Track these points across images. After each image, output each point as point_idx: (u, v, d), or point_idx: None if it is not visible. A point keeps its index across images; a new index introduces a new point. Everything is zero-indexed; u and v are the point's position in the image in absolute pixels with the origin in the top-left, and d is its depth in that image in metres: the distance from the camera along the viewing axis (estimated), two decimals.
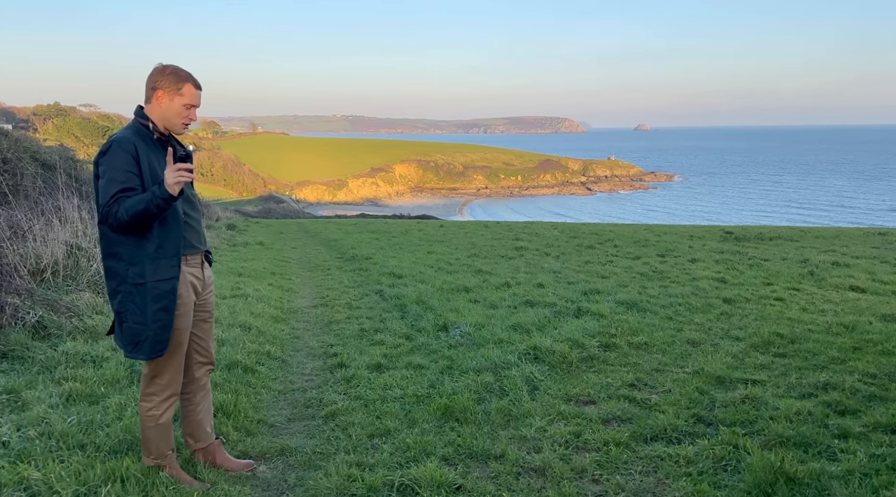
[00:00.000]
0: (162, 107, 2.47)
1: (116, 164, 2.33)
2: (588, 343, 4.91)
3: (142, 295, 2.40)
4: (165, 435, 2.57)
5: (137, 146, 2.39)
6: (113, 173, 2.32)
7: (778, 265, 9.72)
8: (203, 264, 2.68)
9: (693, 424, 3.36)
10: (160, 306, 2.42)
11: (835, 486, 2.59)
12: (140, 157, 2.37)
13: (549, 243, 14.00)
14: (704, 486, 2.66)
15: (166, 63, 2.48)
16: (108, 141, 2.41)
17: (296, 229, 21.07)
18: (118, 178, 2.32)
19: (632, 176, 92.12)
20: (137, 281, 2.40)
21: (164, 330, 2.44)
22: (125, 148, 2.36)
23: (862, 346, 4.88)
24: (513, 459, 2.96)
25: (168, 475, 2.54)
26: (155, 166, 2.41)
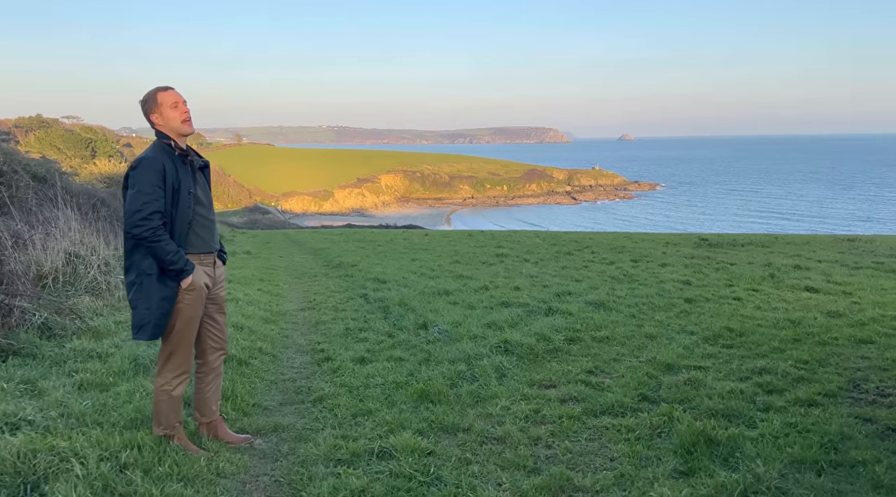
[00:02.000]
0: (164, 122, 2.90)
1: (145, 178, 2.76)
2: (554, 337, 5.37)
3: (151, 284, 2.81)
4: (175, 408, 2.97)
5: (164, 163, 2.81)
6: (141, 186, 2.75)
7: (743, 269, 10.27)
8: (215, 263, 3.08)
9: (639, 402, 3.82)
10: (163, 296, 2.83)
11: (747, 445, 3.06)
12: (167, 173, 2.80)
13: (529, 250, 14.48)
14: (639, 448, 3.11)
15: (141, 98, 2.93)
16: (137, 159, 2.84)
17: (282, 239, 21.40)
18: (145, 190, 2.75)
19: (616, 185, 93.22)
20: (149, 271, 2.82)
21: (164, 317, 2.85)
22: (153, 165, 2.79)
23: (802, 338, 5.39)
24: (478, 431, 3.40)
25: (176, 443, 2.94)
26: (178, 180, 2.83)
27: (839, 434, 3.21)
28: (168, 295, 2.85)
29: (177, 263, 2.80)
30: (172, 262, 2.79)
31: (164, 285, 2.83)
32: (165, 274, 2.83)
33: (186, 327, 2.93)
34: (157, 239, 2.74)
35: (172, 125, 2.90)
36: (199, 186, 2.97)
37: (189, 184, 2.89)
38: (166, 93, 2.91)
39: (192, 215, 2.92)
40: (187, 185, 2.87)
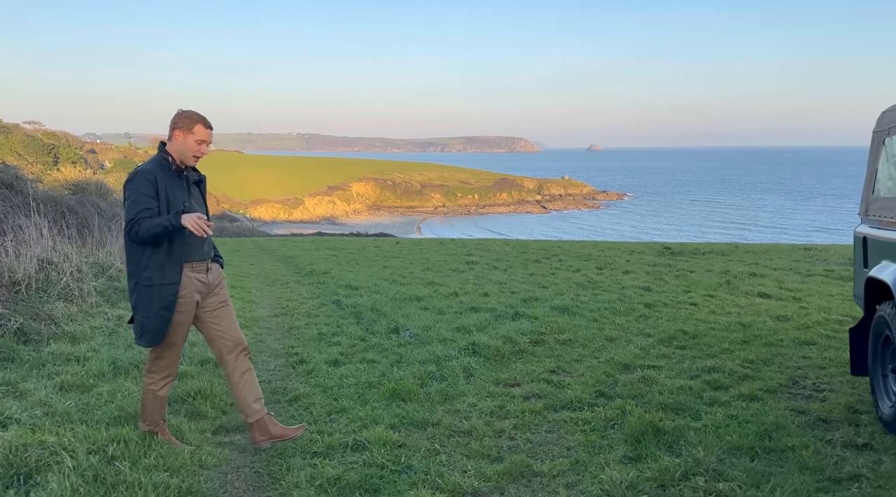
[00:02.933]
0: (178, 143, 3.06)
1: (139, 189, 2.93)
2: (520, 340, 5.64)
3: (149, 295, 2.96)
4: (160, 407, 3.13)
5: (157, 176, 2.97)
6: (136, 197, 2.92)
7: (701, 276, 10.73)
8: (209, 269, 3.20)
9: (596, 398, 4.10)
10: (162, 305, 2.98)
11: (691, 434, 3.36)
12: (159, 185, 2.95)
13: (499, 258, 14.79)
14: (594, 437, 3.39)
15: (185, 109, 3.09)
16: (133, 171, 3.01)
17: (252, 247, 21.34)
18: (139, 201, 2.91)
19: (585, 195, 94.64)
20: (147, 283, 2.97)
21: (162, 324, 3.00)
22: (147, 177, 2.95)
23: (750, 339, 5.76)
24: (446, 425, 3.63)
25: (161, 438, 3.10)
26: (172, 192, 2.98)
27: (774, 424, 3.54)
28: (166, 304, 2.98)
29: (170, 224, 2.86)
30: (165, 227, 2.87)
31: (162, 296, 2.97)
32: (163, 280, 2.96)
33: (173, 332, 3.08)
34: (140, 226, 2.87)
35: (185, 153, 3.05)
36: (193, 199, 3.13)
37: (183, 197, 3.05)
38: (205, 130, 3.06)
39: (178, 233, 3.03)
40: (181, 198, 3.03)
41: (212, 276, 3.23)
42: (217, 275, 3.28)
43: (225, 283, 3.33)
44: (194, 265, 3.11)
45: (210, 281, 3.22)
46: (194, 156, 3.07)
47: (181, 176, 3.10)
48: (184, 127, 3.04)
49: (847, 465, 3.03)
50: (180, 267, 3.03)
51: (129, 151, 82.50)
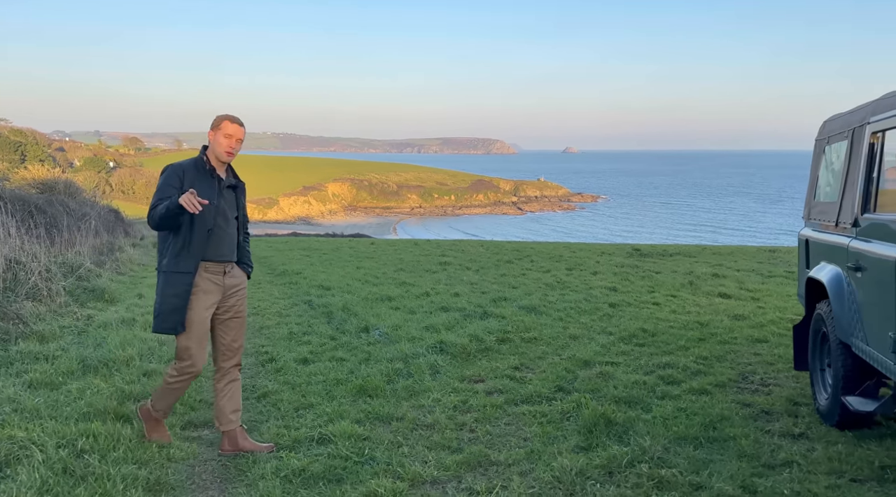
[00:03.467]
0: (211, 142, 3.20)
1: (165, 180, 3.11)
2: (487, 338, 5.81)
3: (164, 280, 3.10)
4: (170, 400, 3.25)
5: (186, 171, 3.11)
6: (160, 186, 3.10)
7: (666, 276, 11.04)
8: (225, 273, 3.23)
9: (555, 392, 4.28)
10: (173, 292, 3.07)
11: (640, 425, 3.55)
12: (185, 179, 3.08)
13: (472, 259, 14.96)
14: (549, 428, 3.56)
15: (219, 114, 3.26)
16: (167, 165, 3.18)
17: None
18: (161, 189, 3.08)
19: (560, 196, 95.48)
20: (163, 269, 3.12)
21: (172, 313, 3.07)
22: (176, 171, 3.12)
23: (706, 337, 6.01)
24: (410, 419, 3.77)
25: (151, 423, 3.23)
26: (198, 189, 3.05)
27: (720, 416, 3.75)
28: (178, 292, 3.07)
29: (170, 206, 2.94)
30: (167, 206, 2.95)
31: (174, 283, 3.08)
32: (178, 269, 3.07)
33: (191, 328, 3.13)
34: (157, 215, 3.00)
35: (216, 149, 3.19)
36: (224, 201, 3.20)
37: (212, 196, 3.12)
38: (231, 124, 3.19)
39: (213, 223, 3.13)
40: (209, 196, 3.09)
41: (228, 279, 3.26)
42: (237, 280, 3.31)
43: (245, 293, 3.35)
44: (208, 265, 3.17)
45: (225, 284, 3.25)
46: (226, 151, 3.18)
47: (213, 176, 3.20)
48: (214, 126, 3.21)
49: (782, 453, 3.25)
50: (196, 259, 3.11)
51: (99, 150, 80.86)
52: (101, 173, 72.97)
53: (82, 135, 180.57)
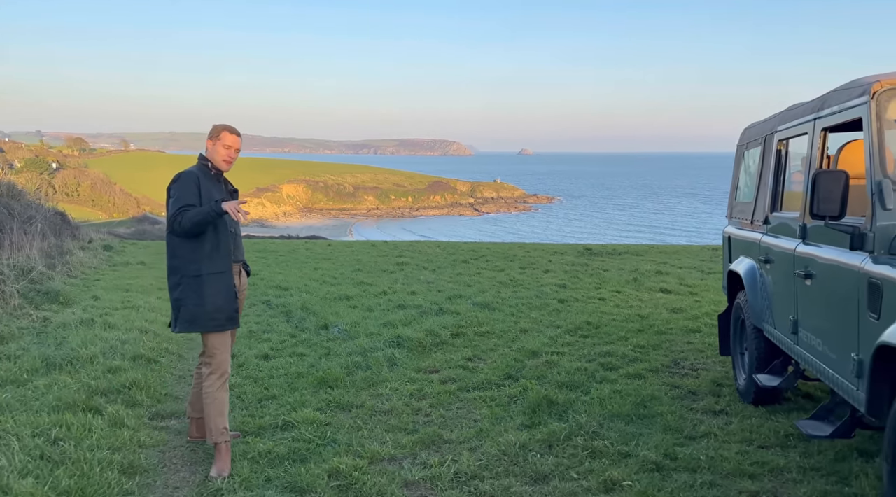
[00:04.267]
0: (210, 151, 3.32)
1: (184, 188, 3.17)
2: (442, 333, 6.10)
3: (199, 284, 3.14)
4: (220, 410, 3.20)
5: (200, 178, 3.22)
6: (180, 194, 3.15)
7: (613, 274, 11.57)
8: (241, 273, 3.43)
9: (504, 379, 4.61)
10: (214, 291, 3.16)
11: (578, 404, 3.91)
12: (201, 186, 3.19)
13: (429, 259, 15.22)
14: (497, 410, 3.88)
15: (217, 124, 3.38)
16: (177, 174, 3.25)
17: None
18: (183, 197, 3.14)
19: (516, 198, 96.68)
20: (195, 274, 3.15)
21: (217, 311, 3.17)
22: (191, 179, 3.21)
23: (645, 328, 6.46)
24: (369, 407, 4.03)
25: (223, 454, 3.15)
26: (211, 192, 3.21)
27: (650, 396, 4.15)
28: (220, 290, 3.16)
29: (212, 210, 3.08)
30: (208, 213, 3.09)
31: (214, 283, 3.16)
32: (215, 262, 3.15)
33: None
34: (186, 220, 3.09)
35: (215, 158, 3.31)
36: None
37: (224, 196, 3.27)
38: (230, 135, 3.31)
39: (228, 228, 3.25)
40: (221, 197, 3.24)
41: (242, 279, 3.46)
42: (243, 281, 3.49)
43: (246, 294, 3.52)
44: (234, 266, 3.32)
45: (240, 283, 3.43)
46: (224, 160, 3.32)
47: (220, 180, 3.36)
48: (213, 136, 3.33)
49: (702, 426, 3.65)
50: (229, 257, 3.23)
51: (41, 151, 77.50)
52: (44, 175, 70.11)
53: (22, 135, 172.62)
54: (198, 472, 3.12)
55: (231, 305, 3.22)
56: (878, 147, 2.52)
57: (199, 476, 3.06)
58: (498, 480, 2.97)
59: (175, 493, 2.90)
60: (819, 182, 2.57)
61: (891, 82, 2.61)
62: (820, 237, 2.98)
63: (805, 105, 3.46)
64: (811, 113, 3.27)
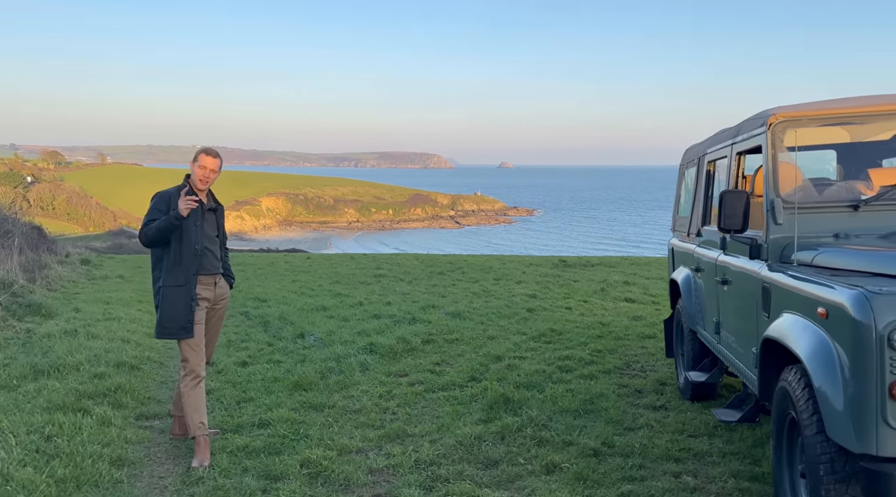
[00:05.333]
0: (192, 171, 3.66)
1: (154, 205, 3.57)
2: (413, 340, 6.44)
3: (163, 294, 3.50)
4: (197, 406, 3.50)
5: (172, 197, 3.55)
6: (150, 210, 3.54)
7: (583, 284, 12.02)
8: (216, 283, 3.71)
9: (467, 381, 4.97)
10: (170, 302, 3.47)
11: (532, 401, 4.28)
12: (171, 204, 3.51)
13: (406, 271, 15.56)
14: (458, 407, 4.24)
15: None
16: (158, 191, 3.64)
17: None
18: (150, 213, 3.53)
19: (497, 210, 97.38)
20: (160, 284, 3.53)
21: (170, 320, 3.47)
22: (163, 196, 3.59)
23: (604, 335, 6.87)
24: (340, 407, 4.36)
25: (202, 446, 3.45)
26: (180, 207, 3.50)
27: (599, 394, 4.53)
28: (175, 302, 3.46)
29: (169, 221, 3.41)
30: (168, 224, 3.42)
31: (172, 295, 3.46)
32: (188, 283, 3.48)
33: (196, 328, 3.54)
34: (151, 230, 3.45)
35: (193, 179, 3.66)
36: (206, 222, 3.66)
37: (196, 217, 3.56)
38: (206, 157, 3.65)
39: (200, 242, 3.55)
40: (193, 218, 3.54)
41: (218, 290, 3.74)
42: (223, 290, 3.78)
43: (228, 301, 3.82)
44: (202, 278, 3.62)
45: (216, 294, 3.72)
46: (199, 179, 3.63)
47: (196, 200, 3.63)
48: (194, 159, 3.69)
49: (641, 419, 4.04)
50: (187, 272, 3.51)
51: (15, 164, 76.42)
52: (18, 189, 69.11)
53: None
54: (180, 464, 3.42)
55: (185, 316, 3.49)
56: (773, 171, 2.95)
57: (181, 467, 3.36)
58: (453, 466, 3.32)
59: (161, 482, 3.19)
60: (725, 200, 2.99)
61: (785, 115, 3.04)
62: (733, 248, 3.40)
63: (728, 131, 3.91)
64: (729, 138, 3.71)
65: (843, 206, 2.84)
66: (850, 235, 2.76)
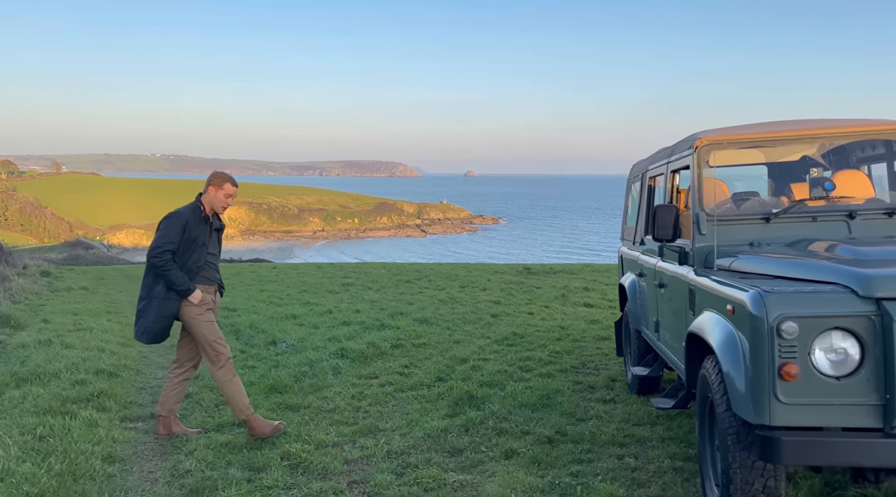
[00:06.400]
0: (211, 196, 3.94)
1: (170, 227, 3.84)
2: (382, 345, 6.75)
3: (159, 305, 3.83)
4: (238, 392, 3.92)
5: (189, 220, 3.85)
6: (165, 231, 3.84)
7: (545, 291, 12.49)
8: (216, 293, 4.09)
9: (434, 381, 5.30)
10: (165, 314, 3.84)
11: (494, 398, 4.65)
12: (187, 227, 3.83)
13: (374, 280, 15.81)
14: (426, 405, 4.58)
15: (219, 171, 4.02)
16: (171, 212, 3.89)
17: (116, 275, 20.64)
18: (167, 234, 3.82)
19: (462, 219, 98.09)
20: (159, 296, 3.83)
21: (164, 330, 3.91)
22: (179, 220, 3.85)
23: (563, 337, 7.30)
24: (315, 407, 4.64)
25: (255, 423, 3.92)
26: (196, 233, 3.86)
27: (555, 390, 4.92)
28: (168, 313, 3.85)
29: (183, 286, 3.81)
30: (179, 285, 3.80)
31: (167, 307, 3.83)
32: (171, 294, 3.81)
33: (211, 326, 3.95)
34: (168, 268, 3.78)
35: (215, 203, 3.96)
36: (212, 242, 4.03)
37: (205, 238, 3.95)
38: (232, 186, 3.99)
39: (204, 259, 3.93)
40: (203, 239, 3.93)
41: (217, 298, 4.13)
42: (218, 298, 4.16)
43: (218, 308, 4.18)
44: (205, 287, 4.00)
45: (215, 301, 4.11)
46: (222, 206, 3.97)
47: (207, 222, 3.98)
48: (216, 184, 3.95)
49: (592, 411, 4.45)
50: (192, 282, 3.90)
51: None
52: None
53: None
54: (168, 459, 3.66)
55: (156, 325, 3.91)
56: (698, 188, 3.40)
57: (169, 462, 3.60)
58: (422, 455, 3.65)
59: (151, 476, 3.43)
60: (657, 214, 3.42)
61: (709, 139, 3.50)
62: (668, 256, 3.84)
63: (665, 150, 4.37)
64: (665, 157, 4.16)
65: (757, 218, 3.29)
66: (762, 244, 3.21)
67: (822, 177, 3.69)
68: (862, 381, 2.22)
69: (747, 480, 2.41)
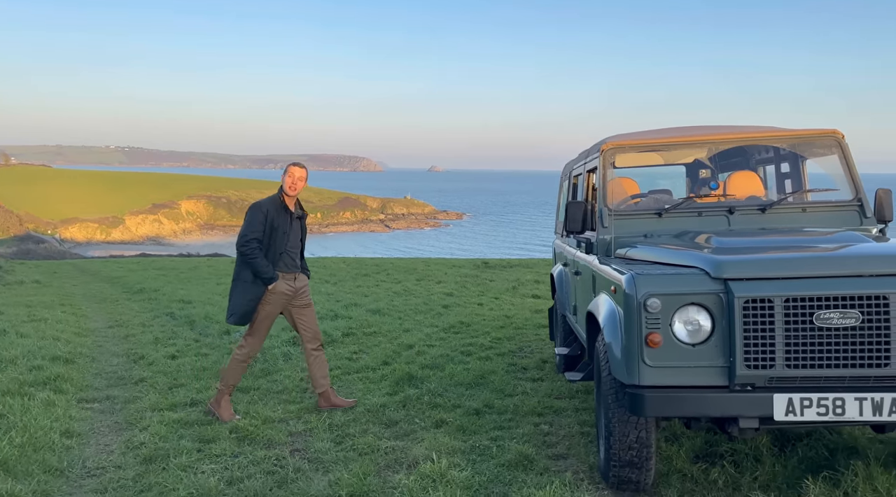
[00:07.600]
0: (284, 182, 4.24)
1: (253, 217, 4.18)
2: (334, 333, 7.08)
3: (245, 287, 4.15)
4: (236, 374, 4.29)
5: (269, 209, 4.14)
6: (250, 220, 4.19)
7: (498, 284, 12.98)
8: (296, 278, 4.34)
9: (380, 365, 5.68)
10: (251, 297, 4.14)
11: (433, 378, 5.06)
12: (268, 216, 4.14)
13: (332, 273, 16.07)
14: (370, 385, 4.96)
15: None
16: (253, 203, 4.20)
17: (70, 269, 20.35)
18: (251, 224, 4.16)
19: (426, 214, 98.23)
20: (246, 279, 4.16)
21: (249, 313, 4.19)
22: (260, 209, 4.16)
23: (506, 325, 7.76)
24: (265, 389, 4.97)
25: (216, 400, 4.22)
26: (277, 222, 4.18)
27: (490, 370, 5.36)
28: (254, 297, 4.15)
29: (266, 274, 4.12)
30: (264, 273, 4.12)
31: (253, 291, 4.14)
32: (257, 280, 4.11)
33: (265, 320, 4.28)
34: (254, 256, 4.11)
35: (284, 185, 4.25)
36: (292, 230, 4.30)
37: (286, 227, 4.23)
38: (294, 168, 4.27)
39: (284, 247, 4.21)
40: (284, 228, 4.21)
41: (298, 283, 4.37)
42: (303, 283, 4.42)
43: (308, 290, 4.47)
44: (285, 275, 4.28)
45: (296, 286, 4.36)
46: (288, 186, 4.22)
47: (287, 211, 4.25)
48: (284, 172, 4.29)
49: (520, 387, 4.90)
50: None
51: None
52: None
53: None
54: (123, 434, 3.94)
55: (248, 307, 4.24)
56: (603, 186, 3.86)
57: (124, 437, 3.89)
58: (361, 427, 4.03)
59: (106, 448, 3.72)
60: (568, 209, 3.87)
61: (614, 143, 3.96)
62: (583, 247, 4.31)
63: (584, 152, 4.83)
64: (583, 159, 4.63)
65: (651, 213, 3.77)
66: (654, 235, 3.69)
67: (710, 177, 4.20)
68: (712, 348, 2.70)
69: (623, 432, 2.88)
